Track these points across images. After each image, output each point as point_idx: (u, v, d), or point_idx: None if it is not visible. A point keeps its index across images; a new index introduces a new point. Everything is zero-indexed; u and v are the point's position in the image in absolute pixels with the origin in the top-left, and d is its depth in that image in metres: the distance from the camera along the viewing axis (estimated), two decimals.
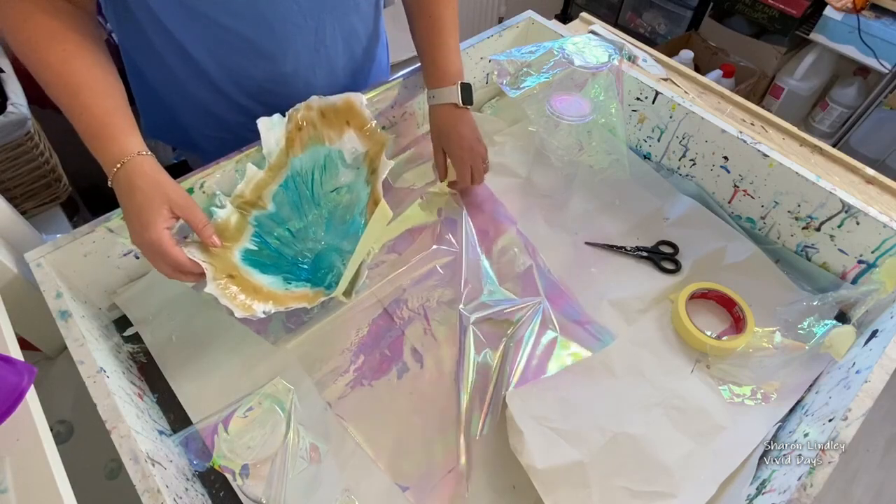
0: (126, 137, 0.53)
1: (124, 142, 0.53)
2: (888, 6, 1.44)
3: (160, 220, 0.52)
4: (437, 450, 0.58)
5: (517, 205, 0.79)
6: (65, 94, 0.52)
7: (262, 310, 0.57)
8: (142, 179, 0.52)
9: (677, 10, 1.85)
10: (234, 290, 0.57)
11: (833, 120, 1.74)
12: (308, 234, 0.71)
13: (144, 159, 0.53)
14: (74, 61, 0.53)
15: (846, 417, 0.49)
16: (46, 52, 0.52)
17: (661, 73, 0.97)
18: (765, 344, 0.63)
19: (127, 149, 0.53)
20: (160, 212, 0.52)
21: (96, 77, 0.53)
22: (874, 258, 0.66)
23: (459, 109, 0.71)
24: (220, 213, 0.63)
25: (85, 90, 0.52)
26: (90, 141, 0.53)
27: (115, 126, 0.53)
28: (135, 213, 0.52)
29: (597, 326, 0.67)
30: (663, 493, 0.54)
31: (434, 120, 0.73)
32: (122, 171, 0.52)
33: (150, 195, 0.52)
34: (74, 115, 0.52)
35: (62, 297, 0.56)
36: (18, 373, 0.45)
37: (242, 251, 0.63)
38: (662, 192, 0.80)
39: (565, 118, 0.71)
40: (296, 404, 0.60)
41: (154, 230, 0.51)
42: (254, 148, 0.68)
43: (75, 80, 0.52)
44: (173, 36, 0.62)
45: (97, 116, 0.53)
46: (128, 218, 0.54)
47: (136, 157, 0.53)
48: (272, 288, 0.61)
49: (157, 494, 0.45)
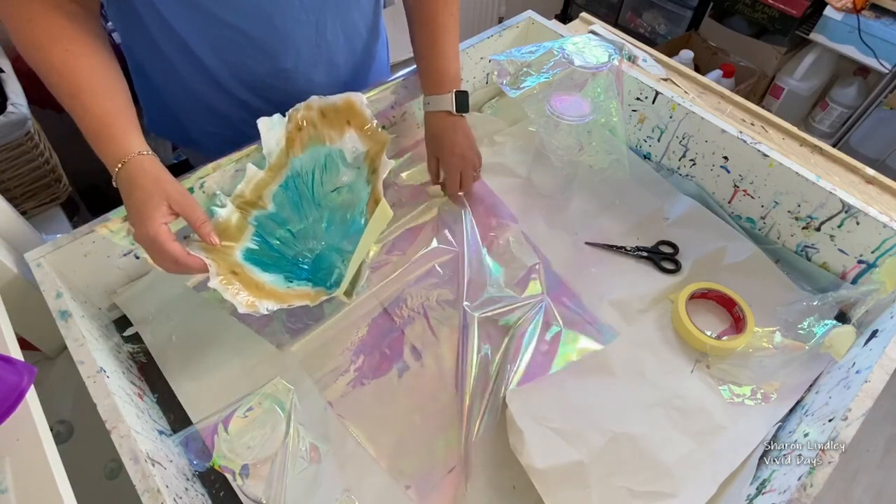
0: (127, 137, 0.54)
1: (125, 142, 0.54)
2: (888, 6, 1.44)
3: (158, 216, 0.52)
4: (438, 448, 0.58)
5: (517, 205, 0.79)
6: (68, 95, 0.53)
7: (266, 307, 0.57)
8: (142, 177, 0.53)
9: (677, 10, 1.85)
10: (237, 286, 0.57)
11: (833, 120, 1.74)
12: (308, 235, 0.71)
13: (145, 158, 0.54)
14: (78, 62, 0.53)
15: (846, 417, 0.49)
16: (50, 53, 0.52)
17: (661, 73, 0.97)
18: (765, 344, 0.63)
19: (128, 148, 0.53)
20: (159, 207, 0.52)
21: (99, 78, 0.54)
22: (874, 258, 0.66)
23: (453, 117, 0.71)
24: (220, 212, 0.63)
25: (87, 91, 0.53)
26: (93, 141, 0.54)
27: (116, 127, 0.54)
28: (135, 210, 0.53)
29: (599, 324, 0.67)
30: (663, 493, 0.54)
31: (428, 126, 0.74)
32: (124, 170, 0.53)
33: (150, 191, 0.53)
34: (77, 115, 0.53)
35: (62, 297, 0.56)
36: (18, 373, 0.45)
37: (244, 250, 0.63)
38: (662, 192, 0.80)
39: (565, 118, 0.71)
40: (296, 404, 0.60)
41: (152, 225, 0.52)
42: (253, 147, 0.68)
43: (78, 80, 0.53)
44: (175, 31, 0.62)
45: (99, 117, 0.53)
46: (129, 215, 0.54)
47: (136, 156, 0.53)
48: (274, 286, 0.62)
49: (157, 494, 0.45)
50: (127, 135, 0.54)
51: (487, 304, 0.67)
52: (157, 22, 0.62)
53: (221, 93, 0.71)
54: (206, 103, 0.73)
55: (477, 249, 0.72)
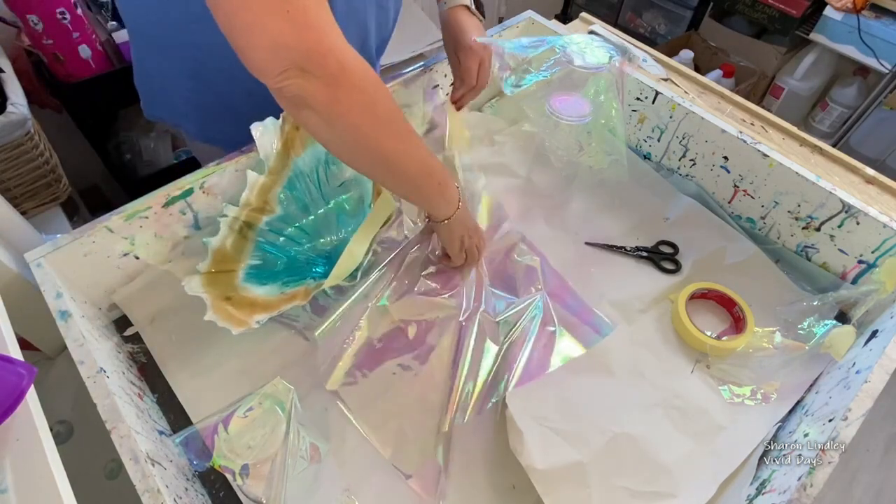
0: (451, 179, 0.62)
1: (453, 184, 0.62)
2: (888, 6, 1.44)
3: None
4: (438, 442, 0.58)
5: (517, 205, 0.79)
6: (413, 137, 0.55)
7: (256, 320, 0.60)
8: (464, 205, 0.64)
9: (677, 10, 1.84)
10: (229, 310, 0.60)
11: (833, 120, 1.74)
12: (321, 228, 0.71)
13: (461, 192, 0.64)
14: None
15: (846, 417, 0.49)
16: (385, 93, 0.51)
17: (661, 73, 0.97)
18: (765, 344, 0.63)
19: (457, 191, 0.63)
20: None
21: None
22: (874, 258, 0.66)
23: (473, 17, 0.72)
24: (212, 241, 0.64)
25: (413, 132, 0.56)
26: (441, 187, 0.60)
27: (445, 171, 0.61)
28: (473, 227, 0.67)
29: (597, 318, 0.67)
30: (663, 493, 0.54)
31: (447, 24, 0.73)
32: (462, 207, 0.63)
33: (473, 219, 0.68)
34: (427, 163, 0.57)
35: (62, 297, 0.56)
36: (18, 373, 0.45)
37: (246, 271, 0.65)
38: (662, 192, 0.80)
39: (565, 118, 0.71)
40: (296, 404, 0.60)
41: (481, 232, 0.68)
42: (250, 152, 0.67)
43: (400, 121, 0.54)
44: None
45: (439, 165, 0.59)
46: (467, 227, 0.66)
47: (460, 194, 0.63)
48: (268, 296, 0.64)
49: (157, 494, 0.45)
50: (450, 178, 0.62)
51: (488, 304, 0.67)
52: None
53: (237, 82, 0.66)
54: (218, 95, 0.70)
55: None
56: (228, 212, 0.64)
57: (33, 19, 1.05)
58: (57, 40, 1.09)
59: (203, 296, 0.60)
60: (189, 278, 0.62)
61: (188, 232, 0.68)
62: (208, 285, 0.62)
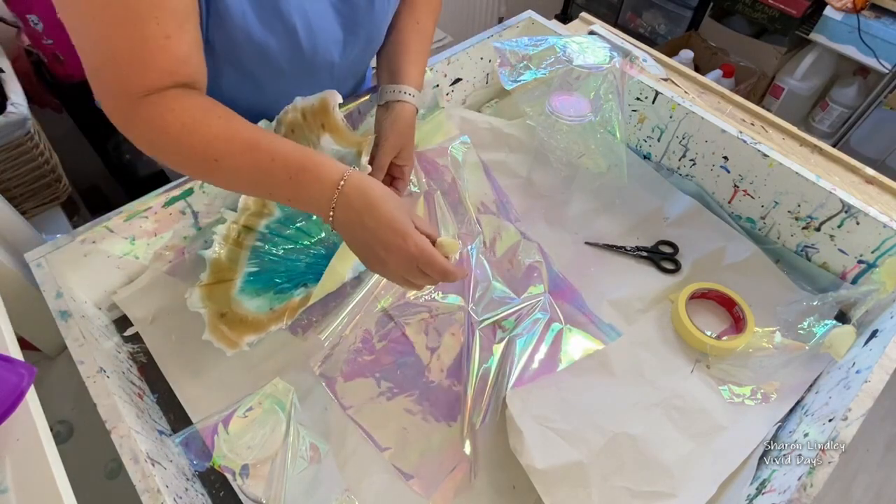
0: (330, 160, 0.51)
1: (331, 163, 0.50)
2: (888, 6, 1.44)
3: (411, 227, 0.48)
4: (441, 443, 0.58)
5: (517, 205, 0.79)
6: (245, 151, 0.50)
7: (247, 342, 0.60)
8: (378, 189, 0.50)
9: (677, 10, 1.84)
10: (223, 330, 0.61)
11: (833, 120, 1.74)
12: (321, 231, 0.71)
13: (361, 174, 0.51)
14: (233, 122, 0.51)
15: (846, 417, 0.49)
16: (207, 126, 0.49)
17: (661, 73, 0.97)
18: (765, 344, 0.63)
19: (340, 168, 0.50)
20: (408, 219, 0.49)
21: (256, 127, 0.52)
22: (874, 258, 0.66)
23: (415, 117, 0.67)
24: (206, 253, 0.64)
25: (263, 140, 0.50)
26: (298, 175, 0.50)
27: (312, 156, 0.51)
28: (386, 225, 0.48)
29: (601, 323, 0.67)
30: (663, 493, 0.54)
31: (400, 118, 0.65)
32: (349, 185, 0.49)
33: (397, 203, 0.49)
34: (264, 167, 0.50)
35: (62, 297, 0.56)
36: (18, 373, 0.45)
37: (242, 281, 0.65)
38: (662, 192, 0.80)
39: (565, 118, 0.71)
40: (296, 404, 0.60)
41: (414, 237, 0.48)
42: None
43: (246, 136, 0.50)
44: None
45: (290, 153, 0.50)
46: (375, 233, 0.49)
47: (353, 172, 0.50)
48: (258, 313, 0.63)
49: (157, 494, 0.45)
50: (328, 159, 0.51)
51: (490, 305, 0.67)
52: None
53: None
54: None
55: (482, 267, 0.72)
56: (227, 216, 0.65)
57: (33, 19, 1.05)
58: (57, 40, 1.09)
59: (202, 311, 0.61)
60: (190, 291, 0.63)
61: (188, 232, 0.68)
62: (207, 299, 0.63)
